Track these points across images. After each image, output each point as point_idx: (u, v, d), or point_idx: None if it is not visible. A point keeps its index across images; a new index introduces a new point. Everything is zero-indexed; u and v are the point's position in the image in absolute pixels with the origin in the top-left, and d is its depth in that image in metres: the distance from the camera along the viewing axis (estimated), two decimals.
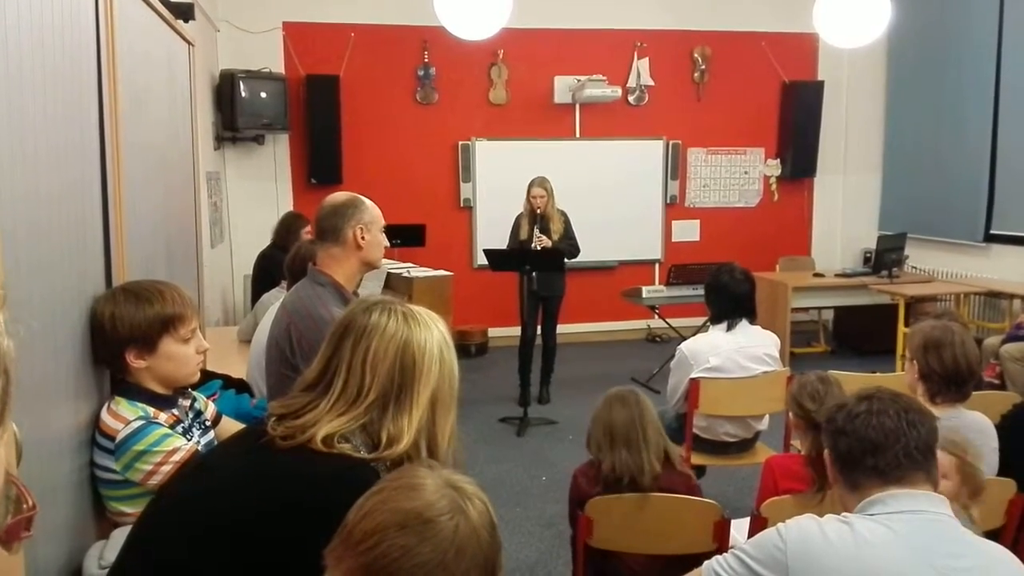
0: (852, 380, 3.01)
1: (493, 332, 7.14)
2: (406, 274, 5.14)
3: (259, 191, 6.73)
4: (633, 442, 2.34)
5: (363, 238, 2.39)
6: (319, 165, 6.79)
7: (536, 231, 5.41)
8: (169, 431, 1.81)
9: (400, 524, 1.01)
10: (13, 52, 1.44)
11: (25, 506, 0.73)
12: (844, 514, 1.50)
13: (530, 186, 5.52)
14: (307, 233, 5.25)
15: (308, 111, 6.73)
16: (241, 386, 2.82)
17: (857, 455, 1.50)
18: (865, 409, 1.54)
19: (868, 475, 1.49)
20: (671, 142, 7.58)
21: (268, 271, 4.88)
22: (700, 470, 3.77)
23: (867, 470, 1.49)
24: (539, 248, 5.33)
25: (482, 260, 5.99)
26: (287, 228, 5.25)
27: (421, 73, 7.07)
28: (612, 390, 2.50)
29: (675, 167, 7.63)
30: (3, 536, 0.70)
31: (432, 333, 1.44)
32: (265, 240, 5.34)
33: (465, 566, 1.01)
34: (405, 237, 5.96)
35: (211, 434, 2.05)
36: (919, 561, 1.35)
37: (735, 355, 3.44)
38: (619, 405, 2.41)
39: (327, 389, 1.40)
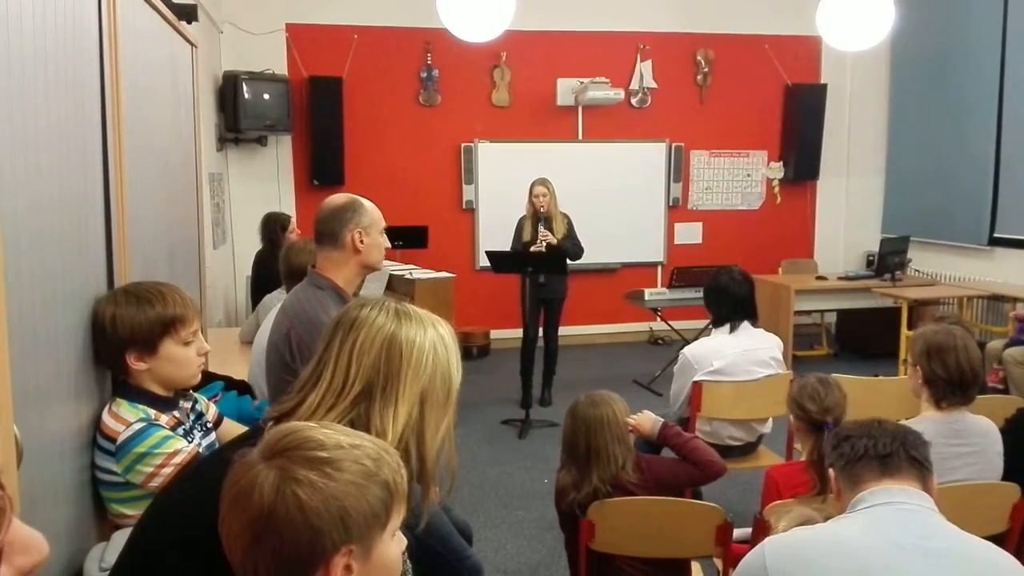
0: (854, 383, 3.01)
1: (495, 334, 7.14)
2: (408, 276, 5.15)
3: (262, 192, 6.73)
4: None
5: (361, 242, 2.38)
6: (321, 166, 6.79)
7: (540, 228, 5.40)
8: (170, 433, 1.81)
9: (256, 538, 0.98)
10: (16, 56, 1.43)
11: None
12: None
13: (532, 186, 5.52)
14: (292, 233, 5.25)
15: (311, 113, 6.73)
16: (243, 388, 2.82)
17: (860, 449, 1.60)
18: (871, 422, 1.67)
19: (867, 464, 1.57)
20: (674, 144, 7.57)
21: (264, 274, 4.88)
22: None
23: (868, 460, 1.58)
24: (543, 246, 5.32)
25: (484, 262, 5.98)
26: (270, 231, 5.25)
27: (424, 75, 7.06)
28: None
29: (678, 169, 7.62)
30: None
31: (426, 331, 1.42)
32: None
33: (345, 512, 0.98)
34: (407, 239, 5.96)
35: (212, 436, 2.04)
36: (885, 543, 1.42)
37: (739, 359, 3.41)
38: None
39: (316, 383, 1.40)
